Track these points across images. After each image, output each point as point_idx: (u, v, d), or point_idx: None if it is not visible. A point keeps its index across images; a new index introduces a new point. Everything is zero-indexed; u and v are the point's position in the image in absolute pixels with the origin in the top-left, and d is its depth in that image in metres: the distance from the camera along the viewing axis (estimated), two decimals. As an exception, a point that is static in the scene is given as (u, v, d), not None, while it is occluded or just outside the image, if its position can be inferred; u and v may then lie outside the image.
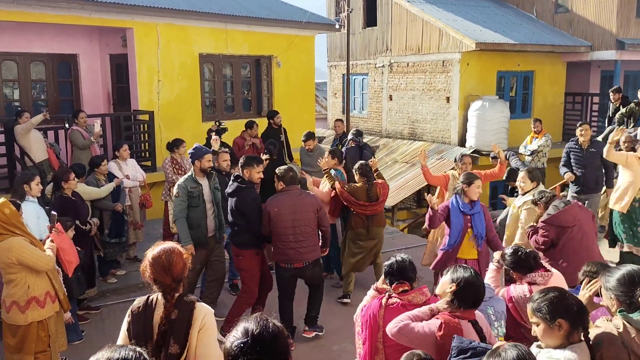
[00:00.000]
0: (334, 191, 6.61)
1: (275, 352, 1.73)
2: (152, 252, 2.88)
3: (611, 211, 7.00)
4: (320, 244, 5.64)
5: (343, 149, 8.49)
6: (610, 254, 7.27)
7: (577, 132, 7.91)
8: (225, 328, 5.29)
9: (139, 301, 2.89)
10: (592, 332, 2.48)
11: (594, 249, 5.01)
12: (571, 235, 4.93)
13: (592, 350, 2.40)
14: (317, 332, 5.77)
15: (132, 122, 10.29)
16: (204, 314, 2.81)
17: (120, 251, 7.35)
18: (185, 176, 5.85)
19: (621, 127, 7.66)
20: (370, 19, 17.85)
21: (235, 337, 1.75)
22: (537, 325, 2.49)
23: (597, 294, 2.67)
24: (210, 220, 5.84)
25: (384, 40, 17.17)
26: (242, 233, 5.59)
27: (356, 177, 6.50)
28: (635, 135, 9.35)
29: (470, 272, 3.03)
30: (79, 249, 5.31)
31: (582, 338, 2.41)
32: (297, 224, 5.35)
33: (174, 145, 7.84)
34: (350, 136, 8.89)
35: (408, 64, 16.38)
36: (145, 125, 10.23)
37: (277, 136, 9.18)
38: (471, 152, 14.27)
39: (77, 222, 5.69)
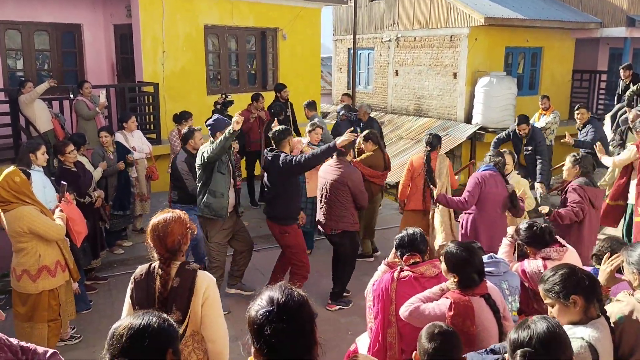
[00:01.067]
0: None
1: (301, 321, 1.72)
2: (154, 219, 2.89)
3: None
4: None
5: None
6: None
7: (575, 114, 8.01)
8: None
9: (141, 269, 2.90)
10: (614, 306, 2.46)
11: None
12: (591, 215, 5.04)
13: (610, 324, 2.39)
14: (340, 307, 5.84)
15: (136, 94, 10.20)
16: (207, 284, 2.81)
17: (125, 223, 7.35)
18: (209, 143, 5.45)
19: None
20: (377, -8, 17.58)
21: (260, 305, 1.73)
22: (552, 307, 2.45)
23: (619, 269, 2.64)
24: (232, 193, 5.57)
25: (391, 13, 16.92)
26: (284, 207, 5.47)
27: (368, 146, 6.50)
28: (645, 114, 9.26)
29: (461, 253, 3.01)
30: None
31: (599, 313, 2.39)
32: (326, 192, 5.61)
33: (182, 117, 7.79)
34: (340, 110, 8.90)
35: (415, 38, 16.17)
36: (150, 97, 10.14)
37: (284, 110, 9.12)
38: (477, 129, 14.20)
39: (75, 194, 5.47)
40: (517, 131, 8.52)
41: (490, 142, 13.64)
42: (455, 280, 2.99)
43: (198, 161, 5.45)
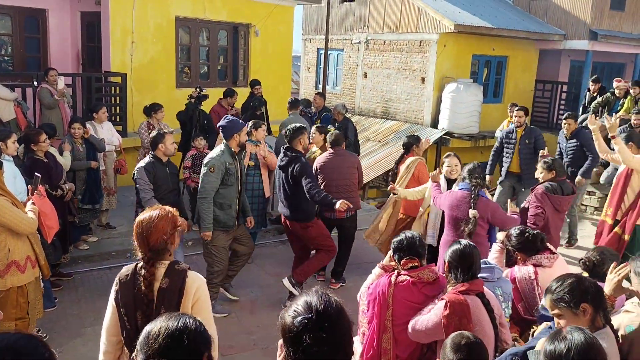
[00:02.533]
0: None
1: (341, 329, 1.61)
2: (140, 215, 2.76)
3: None
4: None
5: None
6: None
7: (563, 123, 8.02)
8: (299, 276, 5.67)
9: (127, 269, 2.75)
10: (623, 317, 2.47)
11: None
12: (554, 219, 5.14)
13: (616, 334, 2.40)
14: (341, 284, 6.32)
15: (103, 84, 9.84)
16: (198, 285, 2.69)
17: (92, 217, 7.06)
18: (220, 150, 5.25)
19: (593, 115, 7.48)
20: (349, -6, 17.60)
21: (296, 312, 1.61)
22: (559, 317, 2.42)
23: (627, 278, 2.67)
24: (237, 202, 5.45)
25: (362, 16, 16.96)
26: (304, 205, 5.60)
27: (317, 139, 6.73)
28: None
29: (460, 244, 3.10)
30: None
31: (605, 322, 2.40)
32: (337, 177, 5.97)
33: (152, 109, 7.57)
34: (300, 106, 8.94)
35: (385, 42, 16.26)
36: (117, 87, 9.80)
37: (263, 104, 9.06)
38: (443, 134, 14.40)
39: (47, 187, 5.20)
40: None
41: (456, 147, 13.91)
42: (446, 267, 3.11)
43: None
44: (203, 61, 11.65)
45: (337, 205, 5.23)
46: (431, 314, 2.93)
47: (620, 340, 2.40)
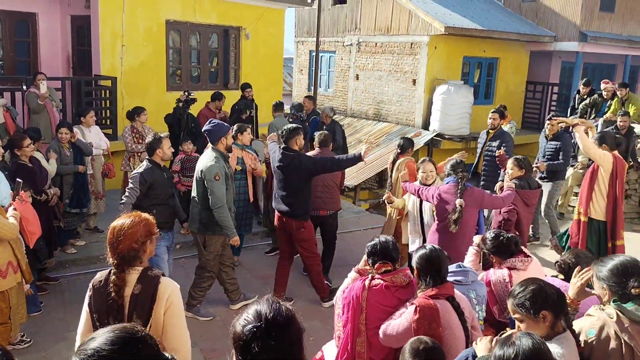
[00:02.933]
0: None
1: (290, 337, 1.65)
2: (115, 221, 2.79)
3: None
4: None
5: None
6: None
7: (546, 124, 8.05)
8: (322, 292, 5.95)
9: (100, 275, 2.78)
10: (585, 321, 2.52)
11: None
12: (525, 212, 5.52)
13: (577, 337, 2.45)
14: (327, 281, 6.31)
15: (93, 88, 9.86)
16: (170, 291, 2.70)
17: (80, 221, 7.09)
18: (215, 155, 5.25)
19: (580, 119, 7.55)
20: (340, -4, 17.66)
21: (246, 320, 1.65)
22: (521, 322, 2.47)
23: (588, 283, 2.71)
24: None
25: (353, 18, 17.02)
26: (303, 204, 5.71)
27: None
28: (597, 126, 9.65)
29: (425, 249, 3.16)
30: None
31: (566, 327, 2.44)
32: (323, 176, 6.07)
33: (135, 113, 7.56)
34: (291, 110, 8.97)
35: (376, 44, 16.32)
36: (107, 91, 9.82)
37: (249, 108, 9.10)
38: (434, 136, 14.46)
39: (31, 191, 5.22)
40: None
41: (447, 148, 13.97)
42: (415, 273, 3.16)
43: (210, 176, 5.17)
44: (194, 64, 11.68)
45: (364, 150, 5.41)
46: (402, 319, 2.97)
47: (582, 345, 2.44)
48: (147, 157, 5.36)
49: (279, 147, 5.74)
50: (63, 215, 6.48)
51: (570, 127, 6.13)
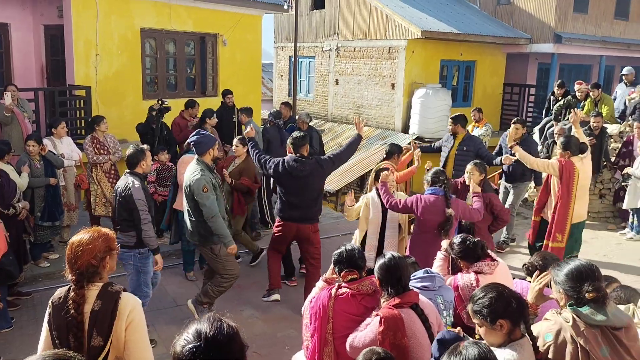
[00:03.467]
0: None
1: (231, 355, 1.62)
2: (74, 237, 2.74)
3: None
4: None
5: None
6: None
7: (511, 127, 8.08)
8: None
9: (59, 292, 2.74)
10: (542, 325, 2.53)
11: None
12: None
13: (536, 341, 2.46)
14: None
15: (67, 98, 9.75)
16: (131, 307, 2.67)
17: (53, 234, 6.99)
18: (200, 167, 5.17)
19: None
20: (318, 1, 17.69)
21: (186, 340, 1.62)
22: (480, 327, 2.50)
23: (548, 285, 2.73)
24: None
25: (332, 23, 17.07)
26: (319, 207, 5.88)
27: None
28: (570, 128, 9.76)
29: (384, 257, 3.14)
30: (6, 233, 5.00)
31: (525, 332, 2.45)
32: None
33: (94, 122, 7.43)
34: (269, 117, 8.94)
35: (355, 48, 16.38)
36: (82, 101, 9.72)
37: (230, 116, 9.02)
38: (414, 139, 14.52)
39: None
40: None
41: (426, 152, 14.03)
42: (377, 282, 3.13)
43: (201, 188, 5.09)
44: (171, 72, 11.62)
45: (358, 125, 5.85)
46: (367, 331, 2.97)
47: (541, 349, 2.45)
48: (127, 170, 5.15)
49: (290, 157, 5.67)
50: (34, 229, 6.38)
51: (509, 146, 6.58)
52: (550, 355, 2.41)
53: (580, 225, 6.34)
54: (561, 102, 10.39)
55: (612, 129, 9.83)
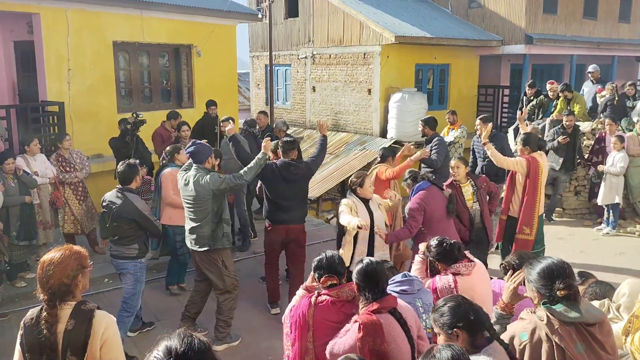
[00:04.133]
0: None
1: None
2: (45, 255, 2.71)
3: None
4: None
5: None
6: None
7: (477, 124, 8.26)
8: None
9: (31, 312, 2.70)
10: (517, 325, 2.55)
11: None
12: None
13: (505, 345, 2.48)
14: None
15: (40, 114, 9.62)
16: (106, 325, 2.64)
17: (30, 253, 6.89)
18: (204, 172, 5.22)
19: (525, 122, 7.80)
20: (292, 10, 17.74)
21: (156, 357, 1.59)
22: (438, 335, 2.54)
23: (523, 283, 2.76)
24: None
25: (306, 31, 17.13)
26: (306, 208, 6.22)
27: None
28: (544, 127, 9.92)
29: (362, 263, 3.14)
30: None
31: (492, 338, 2.47)
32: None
33: (57, 140, 7.38)
34: (244, 125, 8.96)
35: (330, 55, 16.45)
36: (55, 117, 9.60)
37: (212, 126, 8.98)
38: (392, 143, 14.61)
39: None
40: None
41: (405, 155, 14.12)
42: (355, 287, 3.11)
43: (209, 189, 5.12)
44: (145, 84, 11.54)
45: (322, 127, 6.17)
46: (347, 337, 2.96)
47: (518, 349, 2.47)
48: (118, 186, 5.17)
49: (281, 161, 5.85)
50: (10, 249, 6.27)
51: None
52: (526, 354, 2.44)
53: (541, 218, 6.61)
54: (534, 102, 10.56)
55: (585, 126, 10.01)
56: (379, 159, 6.69)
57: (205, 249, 5.26)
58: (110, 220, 5.08)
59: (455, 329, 2.43)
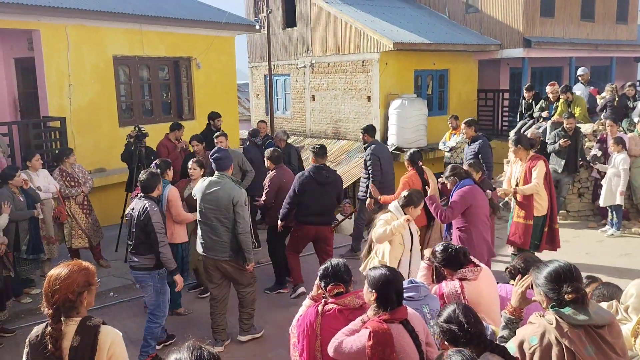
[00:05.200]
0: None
1: None
2: (52, 270, 2.69)
3: None
4: None
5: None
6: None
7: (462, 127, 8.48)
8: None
9: (36, 329, 2.68)
10: (527, 329, 2.54)
11: None
12: None
13: (521, 346, 2.48)
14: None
15: (42, 130, 9.65)
16: (111, 340, 2.63)
17: (35, 268, 6.88)
18: (233, 181, 5.36)
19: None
20: (290, 20, 17.82)
21: None
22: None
23: (531, 287, 2.75)
24: None
25: (304, 40, 17.20)
26: (333, 211, 6.95)
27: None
28: (544, 130, 9.93)
29: (382, 271, 3.05)
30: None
31: (490, 348, 2.49)
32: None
33: (63, 155, 7.40)
34: (248, 136, 9.12)
35: (329, 64, 16.50)
36: (57, 132, 9.64)
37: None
38: (393, 150, 14.61)
39: None
40: None
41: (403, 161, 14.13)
42: (374, 297, 3.00)
43: (236, 200, 5.21)
44: (146, 98, 11.58)
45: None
46: (355, 339, 2.93)
47: (528, 353, 2.45)
48: (140, 194, 5.21)
49: (312, 166, 6.45)
50: (15, 265, 6.28)
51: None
52: (536, 358, 2.43)
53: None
54: (540, 105, 10.58)
55: (586, 128, 10.01)
56: (408, 163, 6.74)
57: (227, 257, 5.34)
58: (129, 227, 5.21)
59: (445, 342, 2.55)
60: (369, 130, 8.10)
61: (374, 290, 3.01)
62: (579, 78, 11.81)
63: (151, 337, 5.25)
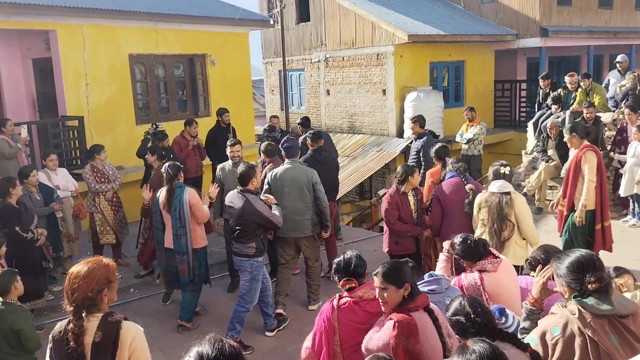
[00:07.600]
0: None
1: None
2: (73, 267, 2.71)
3: None
4: None
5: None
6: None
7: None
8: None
9: (59, 325, 2.71)
10: (549, 320, 2.50)
11: None
12: None
13: (543, 337, 2.45)
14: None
15: (60, 129, 9.77)
16: (133, 336, 2.64)
17: (56, 266, 6.98)
18: (300, 164, 6.29)
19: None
20: (304, 14, 17.79)
21: None
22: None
23: (552, 278, 2.71)
24: None
25: (318, 35, 17.16)
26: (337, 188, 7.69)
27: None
28: (563, 120, 9.78)
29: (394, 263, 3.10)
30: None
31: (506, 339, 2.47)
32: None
33: (93, 151, 7.45)
34: (264, 132, 9.10)
35: (343, 58, 16.45)
36: (75, 131, 9.75)
37: (225, 135, 8.99)
38: (409, 143, 14.54)
39: (18, 229, 5.70)
40: None
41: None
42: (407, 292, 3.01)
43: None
44: (162, 95, 11.65)
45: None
46: (381, 334, 2.92)
47: (551, 344, 2.41)
48: (239, 188, 5.54)
49: (310, 150, 7.08)
50: (52, 257, 6.46)
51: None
52: (559, 349, 2.39)
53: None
54: (555, 94, 10.39)
55: (606, 117, 9.84)
56: (435, 158, 6.67)
57: (310, 232, 6.15)
58: (233, 220, 5.54)
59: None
60: (420, 120, 8.31)
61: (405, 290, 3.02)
62: (617, 65, 11.36)
63: (237, 320, 5.52)
